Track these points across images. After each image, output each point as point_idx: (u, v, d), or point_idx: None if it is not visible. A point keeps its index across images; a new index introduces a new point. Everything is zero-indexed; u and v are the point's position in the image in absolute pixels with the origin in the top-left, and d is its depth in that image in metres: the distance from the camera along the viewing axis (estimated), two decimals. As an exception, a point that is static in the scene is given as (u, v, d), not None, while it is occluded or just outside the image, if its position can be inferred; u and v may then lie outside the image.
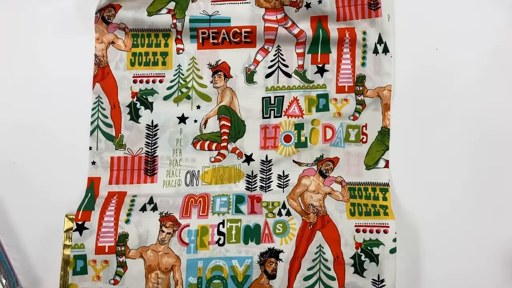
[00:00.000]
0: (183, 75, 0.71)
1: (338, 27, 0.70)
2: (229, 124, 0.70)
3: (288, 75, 0.71)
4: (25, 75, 0.71)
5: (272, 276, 0.66)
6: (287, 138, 0.70)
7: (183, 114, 0.71)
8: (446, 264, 0.70)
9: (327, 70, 0.71)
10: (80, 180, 0.70)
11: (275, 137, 0.69)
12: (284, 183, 0.70)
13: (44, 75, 0.71)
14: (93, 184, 0.69)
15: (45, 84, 0.71)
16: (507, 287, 0.69)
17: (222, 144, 0.70)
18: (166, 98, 0.70)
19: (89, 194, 0.69)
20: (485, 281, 0.69)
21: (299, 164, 0.70)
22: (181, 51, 0.71)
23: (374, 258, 0.65)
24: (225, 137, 0.70)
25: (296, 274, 0.66)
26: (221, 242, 0.66)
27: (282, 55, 0.71)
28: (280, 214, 0.68)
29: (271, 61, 0.71)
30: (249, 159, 0.71)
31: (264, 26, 0.70)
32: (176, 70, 0.71)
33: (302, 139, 0.70)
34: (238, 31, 0.70)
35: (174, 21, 0.70)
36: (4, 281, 0.67)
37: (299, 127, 0.70)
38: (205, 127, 0.70)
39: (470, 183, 0.70)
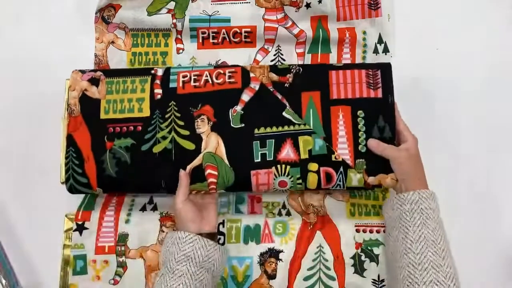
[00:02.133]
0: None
1: (338, 27, 0.70)
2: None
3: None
4: (25, 75, 0.71)
5: (272, 276, 0.66)
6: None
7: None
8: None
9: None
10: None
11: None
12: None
13: (44, 75, 0.71)
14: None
15: (45, 85, 0.71)
16: (507, 286, 0.69)
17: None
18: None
19: (89, 194, 0.68)
20: (486, 281, 0.69)
21: None
22: (181, 50, 0.71)
23: (374, 258, 0.65)
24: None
25: (297, 274, 0.65)
26: (221, 242, 0.66)
27: (282, 55, 0.71)
28: (280, 214, 0.67)
29: (271, 60, 0.71)
30: None
31: (264, 26, 0.70)
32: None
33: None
34: (238, 31, 0.70)
35: (174, 21, 0.70)
36: (4, 281, 0.67)
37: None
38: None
39: (470, 183, 0.70)
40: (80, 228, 0.66)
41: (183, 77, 0.65)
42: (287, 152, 0.64)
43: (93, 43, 0.70)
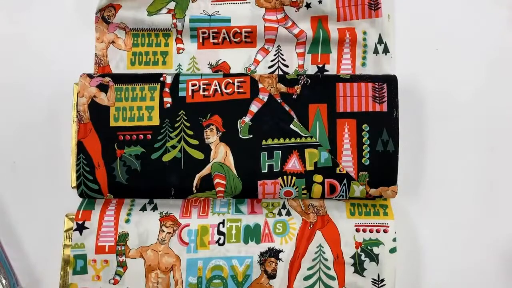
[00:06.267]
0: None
1: (339, 27, 0.70)
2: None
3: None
4: (25, 75, 0.71)
5: (272, 275, 0.66)
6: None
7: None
8: (446, 263, 0.70)
9: (327, 70, 0.71)
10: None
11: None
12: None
13: (44, 75, 0.71)
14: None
15: (46, 84, 0.71)
16: (507, 286, 0.69)
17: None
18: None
19: (89, 194, 0.69)
20: (486, 280, 0.70)
21: None
22: (181, 50, 0.71)
23: (374, 258, 0.65)
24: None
25: (296, 273, 0.66)
26: (221, 241, 0.66)
27: (283, 55, 0.71)
28: (280, 214, 0.68)
29: (271, 61, 0.71)
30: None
31: (264, 26, 0.70)
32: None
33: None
34: (238, 31, 0.70)
35: (174, 21, 0.70)
36: (4, 281, 0.67)
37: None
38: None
39: (470, 183, 0.70)
40: (80, 228, 0.66)
41: (192, 85, 0.66)
42: (293, 163, 0.66)
43: (93, 43, 0.70)
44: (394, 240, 0.66)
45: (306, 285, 0.66)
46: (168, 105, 0.67)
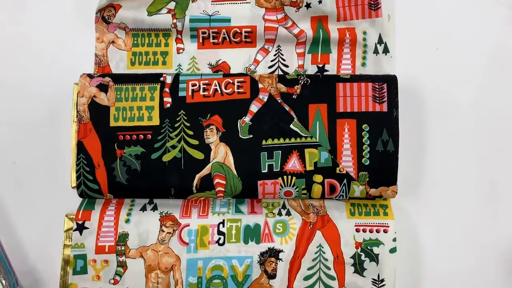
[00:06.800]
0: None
1: (339, 27, 0.70)
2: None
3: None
4: (25, 75, 0.71)
5: (272, 275, 0.66)
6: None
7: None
8: (446, 263, 0.70)
9: (327, 70, 0.71)
10: (80, 180, 0.70)
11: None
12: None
13: (44, 75, 0.71)
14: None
15: (45, 84, 0.71)
16: (507, 286, 0.70)
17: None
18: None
19: (89, 194, 0.69)
20: (485, 280, 0.70)
21: None
22: (181, 50, 0.71)
23: (374, 258, 0.65)
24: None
25: (296, 273, 0.66)
26: (221, 241, 0.66)
27: (283, 55, 0.71)
28: (280, 214, 0.68)
29: (271, 61, 0.71)
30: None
31: (264, 26, 0.70)
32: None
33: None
34: (239, 31, 0.70)
35: (174, 21, 0.70)
36: (4, 281, 0.67)
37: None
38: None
39: (470, 183, 0.70)
40: (80, 228, 0.66)
41: (192, 85, 0.66)
42: (293, 163, 0.66)
43: (93, 43, 0.70)
44: (394, 240, 0.66)
45: (306, 285, 0.66)
46: (168, 105, 0.67)
